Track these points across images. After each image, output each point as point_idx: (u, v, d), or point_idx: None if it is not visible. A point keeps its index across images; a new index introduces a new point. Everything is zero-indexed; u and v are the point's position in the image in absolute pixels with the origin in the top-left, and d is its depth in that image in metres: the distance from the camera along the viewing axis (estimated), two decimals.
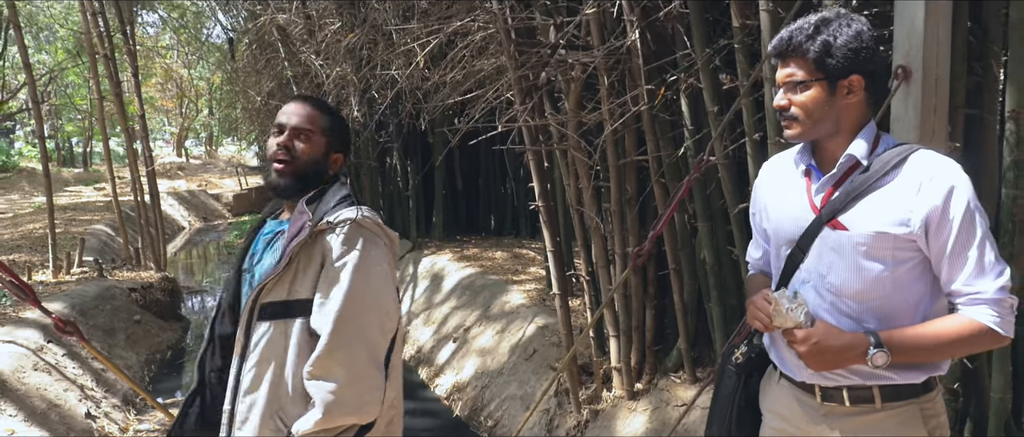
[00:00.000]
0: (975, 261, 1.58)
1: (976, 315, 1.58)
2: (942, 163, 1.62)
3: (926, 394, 1.69)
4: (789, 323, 1.64)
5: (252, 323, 1.83)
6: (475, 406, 5.45)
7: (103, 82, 8.52)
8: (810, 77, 1.65)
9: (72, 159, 32.91)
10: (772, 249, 1.87)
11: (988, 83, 3.02)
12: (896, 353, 1.58)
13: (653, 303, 4.22)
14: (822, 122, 1.67)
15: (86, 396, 5.30)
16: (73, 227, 11.34)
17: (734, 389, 1.88)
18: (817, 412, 1.74)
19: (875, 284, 1.64)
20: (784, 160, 1.88)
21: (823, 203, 1.71)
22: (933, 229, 1.59)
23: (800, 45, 1.64)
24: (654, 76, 3.72)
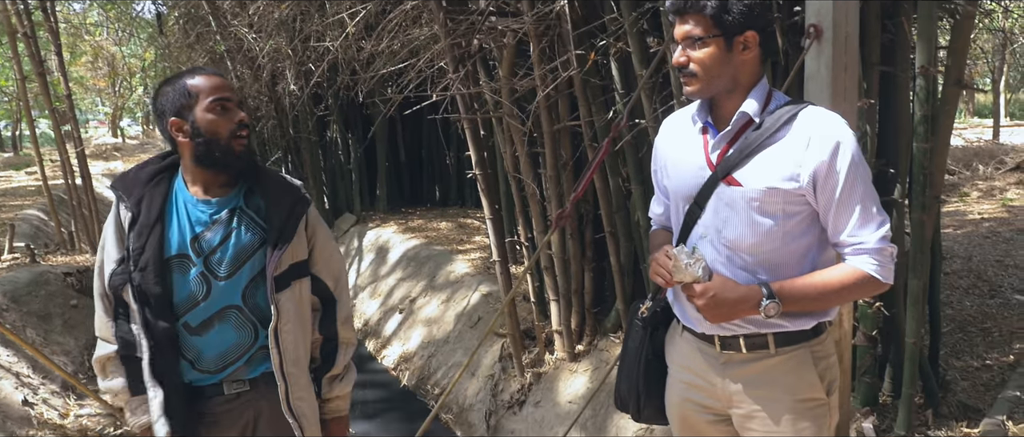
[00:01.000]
0: (859, 213, 1.66)
1: (859, 264, 1.67)
2: (829, 119, 1.69)
3: (816, 337, 1.79)
4: (688, 278, 1.71)
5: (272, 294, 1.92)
6: (422, 375, 5.49)
7: (25, 62, 8.19)
8: (707, 33, 1.68)
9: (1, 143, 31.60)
10: (672, 205, 1.93)
11: (900, 41, 3.13)
12: (787, 302, 1.66)
13: (591, 266, 4.30)
14: (720, 78, 1.72)
15: (22, 383, 5.16)
16: (3, 213, 10.93)
17: (640, 342, 1.96)
18: (717, 361, 1.83)
19: (767, 237, 1.72)
20: (682, 117, 1.92)
21: (719, 160, 1.77)
22: (820, 183, 1.66)
23: (698, 2, 1.68)
24: (584, 41, 3.75)
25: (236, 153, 1.92)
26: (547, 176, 4.12)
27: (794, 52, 3.07)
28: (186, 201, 1.96)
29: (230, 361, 1.97)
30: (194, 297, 1.93)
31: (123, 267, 1.93)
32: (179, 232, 1.94)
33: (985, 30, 15.33)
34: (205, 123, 1.89)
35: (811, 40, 2.36)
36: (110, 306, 1.98)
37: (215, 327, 1.95)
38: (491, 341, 4.97)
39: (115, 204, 2.00)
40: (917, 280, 3.02)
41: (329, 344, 2.11)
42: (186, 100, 1.90)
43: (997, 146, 13.21)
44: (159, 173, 2.00)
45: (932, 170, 2.95)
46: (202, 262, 1.92)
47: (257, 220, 1.97)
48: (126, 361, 1.98)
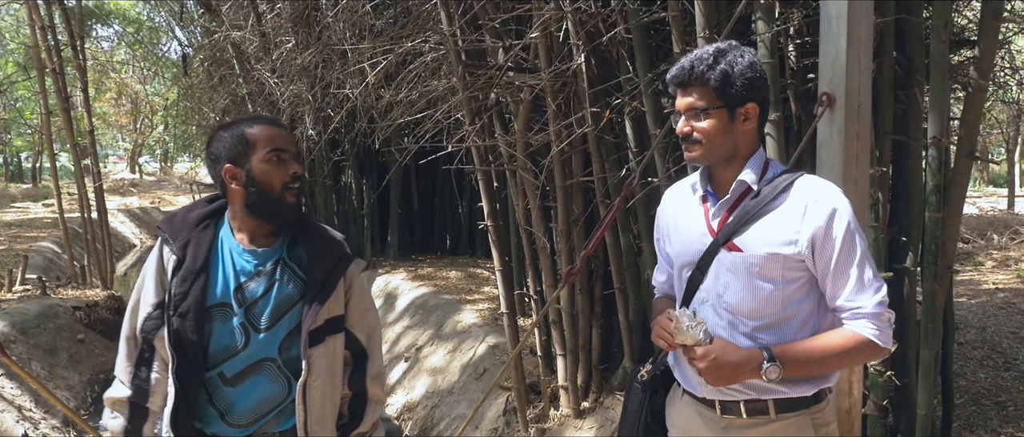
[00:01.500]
0: (856, 278, 1.69)
1: (857, 328, 1.69)
2: (825, 187, 1.73)
3: (817, 404, 1.79)
4: (689, 341, 1.72)
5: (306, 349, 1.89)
6: (425, 425, 5.43)
7: (52, 97, 8.37)
8: (711, 105, 1.74)
9: (21, 174, 32.06)
10: (674, 271, 1.95)
11: (913, 111, 3.15)
12: (788, 366, 1.68)
13: (599, 322, 4.28)
14: (722, 147, 1.76)
15: (24, 417, 5.16)
16: (18, 244, 11.05)
17: (640, 405, 1.96)
18: (717, 425, 1.82)
19: (767, 302, 1.74)
20: (683, 187, 1.97)
21: (720, 226, 1.80)
22: (818, 248, 1.70)
23: (702, 74, 1.73)
24: (599, 99, 3.80)
25: (288, 204, 1.89)
26: (558, 230, 4.14)
27: (807, 118, 3.10)
28: (232, 249, 1.93)
29: (262, 414, 1.93)
30: (233, 347, 1.89)
31: (159, 311, 1.90)
32: (223, 280, 1.90)
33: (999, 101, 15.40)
34: (260, 173, 1.86)
35: (823, 108, 2.39)
36: (134, 350, 1.95)
37: (250, 379, 1.91)
38: (496, 394, 4.92)
39: (158, 246, 1.96)
40: (929, 350, 2.99)
41: (358, 400, 2.07)
42: (243, 148, 1.87)
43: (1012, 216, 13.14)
44: (207, 217, 1.97)
45: (944, 239, 2.95)
46: (243, 312, 1.89)
47: (298, 273, 1.93)
48: (133, 407, 1.95)
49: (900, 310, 3.21)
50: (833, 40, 2.39)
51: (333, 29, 6.34)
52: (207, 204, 2.01)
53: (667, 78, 1.80)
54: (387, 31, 5.46)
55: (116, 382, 1.98)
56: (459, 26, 4.05)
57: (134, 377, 1.94)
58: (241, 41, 8.30)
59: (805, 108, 3.18)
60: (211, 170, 1.94)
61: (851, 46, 2.36)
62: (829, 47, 2.41)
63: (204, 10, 10.40)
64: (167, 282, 1.90)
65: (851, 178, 2.40)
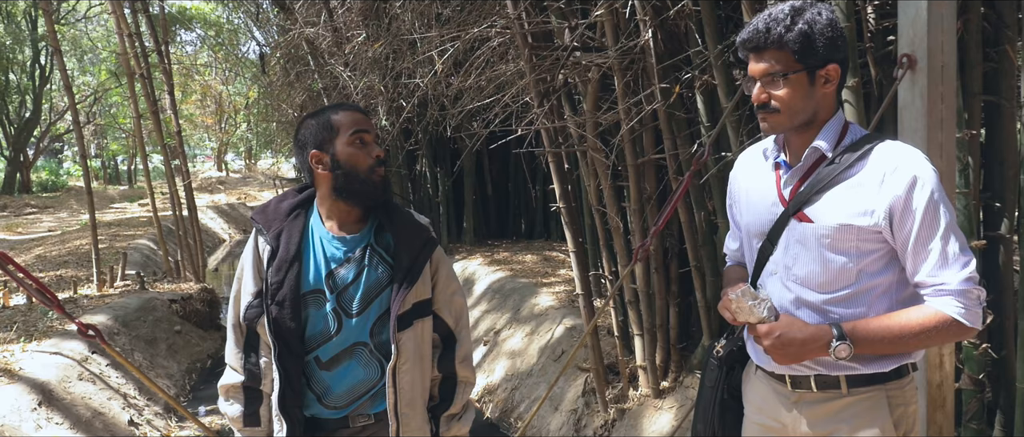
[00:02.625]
0: (939, 252, 1.57)
1: (941, 306, 1.57)
2: (906, 154, 1.61)
3: (895, 380, 1.69)
4: (753, 319, 1.66)
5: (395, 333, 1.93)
6: (506, 407, 5.50)
7: (141, 101, 8.79)
8: (789, 69, 1.62)
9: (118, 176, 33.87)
10: (744, 241, 1.88)
11: (1005, 69, 2.98)
12: (859, 345, 1.58)
13: (676, 301, 4.23)
14: (801, 113, 1.66)
15: (129, 404, 5.47)
16: (117, 242, 11.68)
17: (716, 382, 1.90)
18: (789, 399, 1.76)
19: (839, 275, 1.65)
20: (755, 152, 1.87)
21: (792, 196, 1.71)
22: (897, 220, 1.59)
23: (779, 37, 1.61)
24: (668, 74, 3.74)
25: (374, 184, 1.93)
26: (631, 209, 4.10)
27: (888, 83, 2.97)
28: (322, 237, 1.98)
29: (357, 396, 1.97)
30: (326, 332, 1.94)
31: (259, 300, 1.96)
32: (315, 268, 1.95)
33: None
34: (345, 156, 1.91)
35: (904, 70, 2.29)
36: (242, 337, 2.01)
37: (344, 363, 1.96)
38: (575, 375, 4.93)
39: (253, 236, 2.03)
40: None
41: (448, 382, 2.10)
42: (328, 133, 1.93)
43: None
44: (297, 207, 2.02)
45: None
46: (335, 298, 1.94)
47: (386, 258, 1.97)
48: (247, 391, 2.01)
49: (996, 280, 3.05)
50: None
51: (401, 20, 6.43)
52: (297, 194, 2.06)
53: (738, 41, 1.70)
54: (454, 18, 5.50)
55: (228, 369, 2.05)
56: (524, 9, 4.05)
57: (245, 363, 2.01)
58: (315, 37, 8.52)
59: (885, 72, 3.04)
60: (298, 157, 2.00)
61: (932, 4, 2.25)
62: (909, 6, 2.30)
63: (279, 9, 10.72)
64: (264, 271, 1.96)
65: (936, 142, 2.29)
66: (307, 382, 1.97)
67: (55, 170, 30.15)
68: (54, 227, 15.39)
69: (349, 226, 1.99)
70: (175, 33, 22.14)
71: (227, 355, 2.05)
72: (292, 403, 1.94)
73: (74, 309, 6.68)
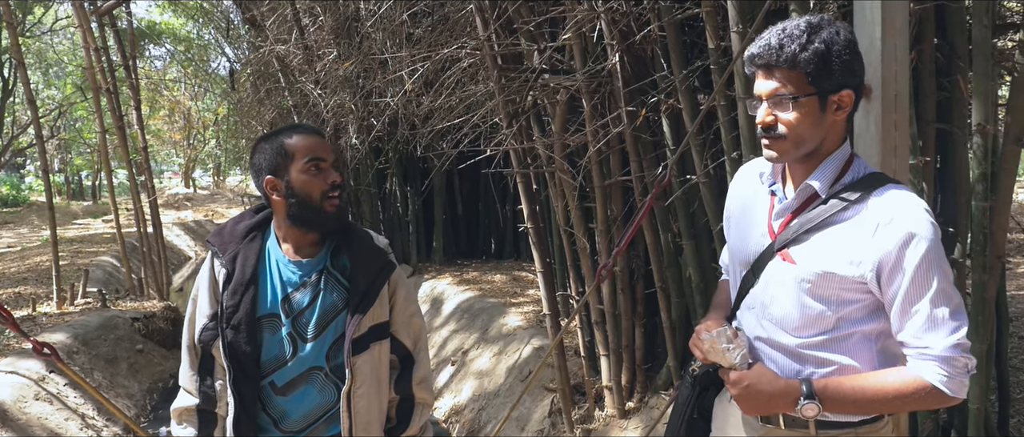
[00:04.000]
0: (927, 315, 1.45)
1: (922, 371, 1.46)
2: (905, 206, 1.48)
3: (867, 425, 1.60)
4: (724, 362, 1.60)
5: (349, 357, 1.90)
6: (473, 427, 5.47)
7: (107, 116, 8.68)
8: (801, 92, 1.49)
9: (81, 192, 33.24)
10: (731, 265, 1.82)
11: (957, 98, 3.08)
12: (828, 404, 1.50)
13: (642, 322, 4.27)
14: (809, 142, 1.53)
15: (87, 425, 5.35)
16: (79, 259, 11.46)
17: (688, 400, 1.82)
18: (757, 432, 1.70)
19: (816, 321, 1.56)
20: (755, 171, 1.76)
21: (781, 229, 1.62)
22: (885, 276, 1.47)
23: (793, 55, 1.47)
24: (635, 97, 3.80)
25: (328, 213, 1.90)
26: (598, 230, 4.14)
27: None
28: (278, 260, 1.96)
29: (313, 420, 1.95)
30: (282, 357, 1.92)
31: (214, 323, 1.94)
32: (271, 291, 1.93)
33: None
34: (299, 183, 1.88)
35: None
36: (197, 360, 1.98)
37: (300, 387, 1.93)
38: (541, 395, 4.94)
39: (209, 258, 2.00)
40: (980, 343, 2.91)
41: (405, 404, 2.08)
42: (282, 159, 1.89)
43: None
44: (254, 229, 2.00)
45: (993, 229, 2.87)
46: (290, 323, 1.91)
47: (342, 281, 1.95)
48: (202, 415, 1.98)
49: None
50: (867, 29, 2.36)
51: (373, 39, 6.46)
52: (254, 214, 2.04)
53: (746, 57, 1.55)
54: (425, 39, 5.54)
55: (182, 392, 2.01)
56: (494, 30, 4.10)
57: (200, 386, 1.98)
58: (285, 54, 8.50)
59: None
60: (254, 181, 1.97)
61: (886, 34, 2.32)
62: (863, 36, 2.37)
63: (250, 26, 10.68)
64: (219, 294, 1.94)
65: (890, 169, 2.35)
66: (263, 407, 1.94)
67: (17, 185, 29.50)
68: (14, 243, 15.06)
69: (305, 249, 1.96)
70: (144, 47, 21.91)
71: (181, 377, 2.02)
72: (247, 427, 1.92)
73: (32, 327, 6.54)
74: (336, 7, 7.38)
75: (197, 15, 19.72)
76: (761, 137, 1.58)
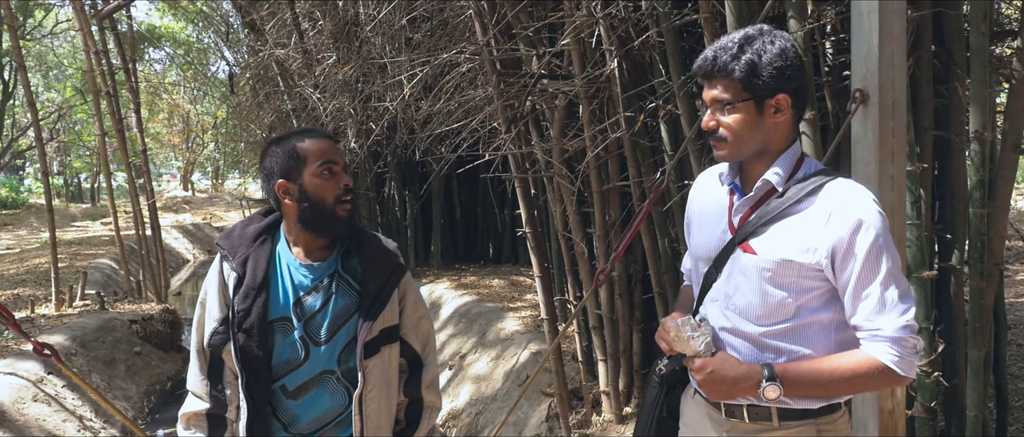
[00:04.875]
0: (878, 298, 1.55)
1: (874, 352, 1.55)
2: (855, 195, 1.60)
3: (826, 415, 1.69)
4: (688, 350, 1.66)
5: (362, 360, 1.90)
6: (470, 432, 5.47)
7: (107, 119, 8.68)
8: (736, 97, 1.62)
9: (80, 194, 33.24)
10: (692, 264, 1.89)
11: (954, 105, 3.09)
12: (789, 386, 1.58)
13: (640, 327, 4.27)
14: (750, 142, 1.65)
15: (84, 427, 5.35)
16: (78, 261, 11.45)
17: (656, 399, 1.89)
18: (722, 427, 1.76)
19: (777, 309, 1.64)
20: (714, 175, 1.87)
21: (740, 224, 1.72)
22: (838, 261, 1.58)
23: (725, 65, 1.61)
24: (633, 103, 3.81)
25: (340, 218, 1.90)
26: (596, 235, 4.14)
27: (843, 116, 3.06)
28: (289, 263, 1.95)
29: (323, 424, 1.95)
30: (293, 361, 1.91)
31: (224, 327, 1.92)
32: (283, 295, 1.92)
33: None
34: (313, 187, 1.87)
35: (857, 105, 2.36)
36: (206, 364, 1.97)
37: (312, 391, 1.93)
38: (539, 400, 4.93)
39: (218, 261, 1.98)
40: (978, 350, 2.91)
41: (413, 407, 2.08)
42: (295, 163, 1.88)
43: None
44: (263, 232, 1.98)
45: (991, 236, 2.88)
46: (302, 326, 1.91)
47: (353, 284, 1.95)
48: (211, 419, 1.96)
49: (947, 309, 3.14)
50: (865, 36, 2.37)
51: (372, 43, 6.47)
52: (262, 218, 2.03)
53: (692, 70, 1.68)
54: (424, 43, 5.55)
55: (190, 397, 1.99)
56: (493, 36, 4.11)
57: (211, 390, 1.96)
58: (285, 58, 8.51)
59: (841, 105, 3.13)
60: (265, 185, 1.95)
61: (884, 41, 2.33)
62: (861, 43, 2.38)
63: (249, 30, 10.69)
64: (229, 298, 1.92)
65: (887, 175, 2.36)
66: (273, 411, 1.93)
67: (16, 187, 29.49)
68: (13, 245, 15.05)
69: (316, 253, 1.96)
70: (143, 51, 21.93)
71: (190, 382, 1.99)
72: (259, 431, 1.90)
73: (31, 329, 6.53)
74: (335, 11, 7.39)
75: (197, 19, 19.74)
76: (709, 140, 1.70)
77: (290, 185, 1.89)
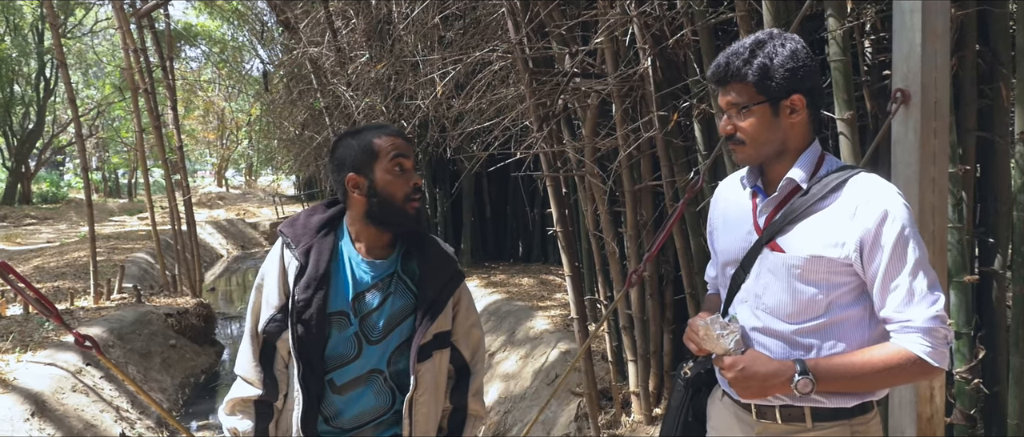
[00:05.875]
0: (906, 289, 1.55)
1: (906, 343, 1.55)
2: (879, 187, 1.61)
3: (860, 416, 1.68)
4: (718, 349, 1.64)
5: (415, 363, 1.90)
6: (499, 431, 5.47)
7: (144, 116, 8.84)
8: (751, 101, 1.65)
9: (118, 190, 33.91)
10: (719, 268, 1.88)
11: (999, 106, 3.02)
12: (822, 381, 1.57)
13: (671, 328, 4.23)
14: (768, 144, 1.67)
15: (121, 417, 5.45)
16: (115, 255, 11.68)
17: (681, 403, 1.89)
18: (752, 429, 1.74)
19: (808, 306, 1.64)
20: (735, 180, 1.88)
21: (766, 224, 1.72)
22: (866, 253, 1.58)
23: (738, 70, 1.64)
24: (667, 102, 3.78)
25: (409, 215, 1.88)
26: (628, 235, 4.12)
27: (883, 116, 3.00)
28: (351, 258, 1.93)
29: (363, 422, 1.94)
30: (345, 356, 1.91)
31: (282, 315, 1.90)
32: (343, 289, 1.91)
33: None
34: (383, 183, 1.86)
35: (897, 105, 2.32)
36: (258, 349, 1.95)
37: (358, 389, 1.92)
38: (568, 400, 4.92)
39: (280, 248, 1.96)
40: (1020, 357, 2.84)
41: (458, 414, 2.06)
42: (367, 157, 1.87)
43: None
44: (326, 224, 1.96)
45: None
46: (359, 322, 1.90)
47: (411, 286, 1.94)
48: (259, 407, 1.94)
49: (989, 315, 3.07)
50: (907, 34, 2.32)
51: (404, 41, 6.50)
52: (325, 209, 2.01)
53: (707, 76, 1.74)
54: (456, 42, 5.56)
55: (240, 382, 1.96)
56: (526, 34, 4.10)
57: (264, 377, 1.94)
58: (318, 56, 8.58)
59: (881, 106, 3.08)
60: (334, 176, 1.94)
61: (926, 40, 2.28)
62: (903, 42, 2.33)
63: (283, 28, 10.80)
64: (289, 286, 1.90)
65: (929, 177, 2.31)
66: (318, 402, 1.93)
67: (56, 182, 30.19)
68: (53, 238, 15.40)
69: (378, 250, 1.94)
70: (180, 49, 22.29)
71: (241, 367, 1.96)
72: (311, 423, 1.90)
73: (70, 320, 6.68)
74: (369, 10, 7.44)
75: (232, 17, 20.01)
76: (728, 145, 1.73)
77: (361, 179, 1.88)
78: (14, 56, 22.35)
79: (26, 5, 22.00)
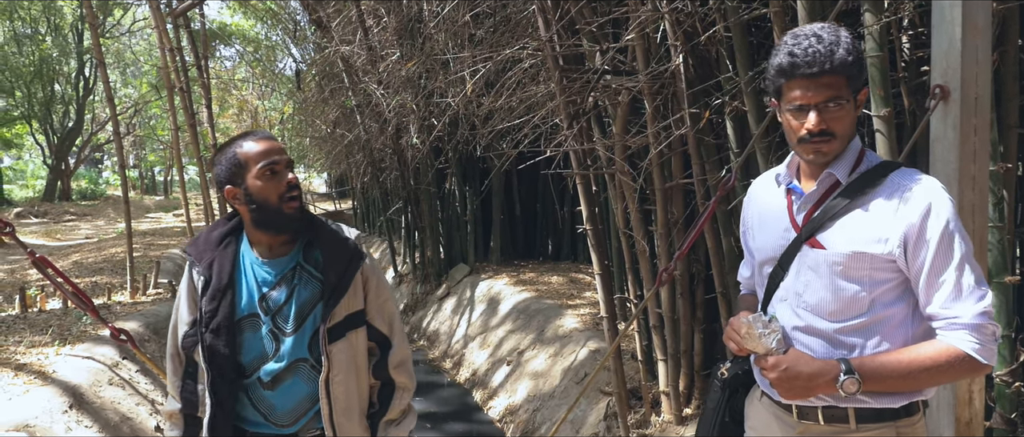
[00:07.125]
0: (953, 284, 1.51)
1: (954, 340, 1.51)
2: (922, 181, 1.57)
3: (906, 417, 1.63)
4: (760, 348, 1.62)
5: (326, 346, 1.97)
6: (527, 429, 5.47)
7: (180, 114, 8.98)
8: (846, 94, 1.57)
9: (154, 187, 34.53)
10: (755, 267, 1.85)
11: None
12: (868, 381, 1.53)
13: (701, 327, 4.19)
14: (848, 139, 1.63)
15: (156, 411, 5.54)
16: (151, 251, 11.89)
17: (718, 404, 1.87)
18: (793, 430, 1.71)
19: (851, 304, 1.60)
20: (770, 178, 1.85)
21: (805, 221, 1.68)
22: (911, 249, 1.54)
23: (843, 60, 1.54)
24: (698, 99, 3.74)
25: (288, 215, 1.96)
26: (658, 233, 4.09)
27: (921, 113, 2.94)
28: (252, 262, 2.03)
29: (302, 413, 2.02)
30: (266, 354, 1.99)
31: (195, 329, 2.01)
32: (248, 293, 2.00)
33: None
34: (256, 190, 1.93)
35: (936, 101, 2.27)
36: (180, 366, 2.07)
37: (287, 380, 2.00)
38: (597, 399, 4.90)
39: (187, 268, 2.07)
40: None
41: (385, 388, 2.13)
42: (237, 168, 1.95)
43: None
44: (227, 235, 2.07)
45: None
46: (270, 320, 1.99)
47: (316, 274, 2.02)
48: (187, 419, 2.07)
49: None
50: (946, 29, 2.27)
51: (435, 40, 6.52)
52: (227, 222, 2.12)
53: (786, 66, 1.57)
54: (486, 40, 5.56)
55: (168, 397, 2.13)
56: (556, 31, 4.09)
57: (182, 390, 2.06)
58: (350, 55, 8.65)
59: (919, 103, 3.01)
60: (217, 193, 2.06)
61: (967, 35, 2.23)
62: (942, 37, 2.29)
63: (316, 27, 10.91)
64: (198, 301, 2.01)
65: (969, 175, 2.26)
66: (251, 403, 2.02)
67: (95, 179, 30.83)
68: (91, 234, 15.73)
69: (278, 249, 2.03)
70: (215, 48, 22.63)
71: (168, 383, 2.12)
72: (223, 428, 1.99)
73: (107, 315, 6.81)
74: (400, 8, 7.48)
75: (266, 17, 20.26)
76: (807, 142, 1.60)
77: (236, 190, 1.96)
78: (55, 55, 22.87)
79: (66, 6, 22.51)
